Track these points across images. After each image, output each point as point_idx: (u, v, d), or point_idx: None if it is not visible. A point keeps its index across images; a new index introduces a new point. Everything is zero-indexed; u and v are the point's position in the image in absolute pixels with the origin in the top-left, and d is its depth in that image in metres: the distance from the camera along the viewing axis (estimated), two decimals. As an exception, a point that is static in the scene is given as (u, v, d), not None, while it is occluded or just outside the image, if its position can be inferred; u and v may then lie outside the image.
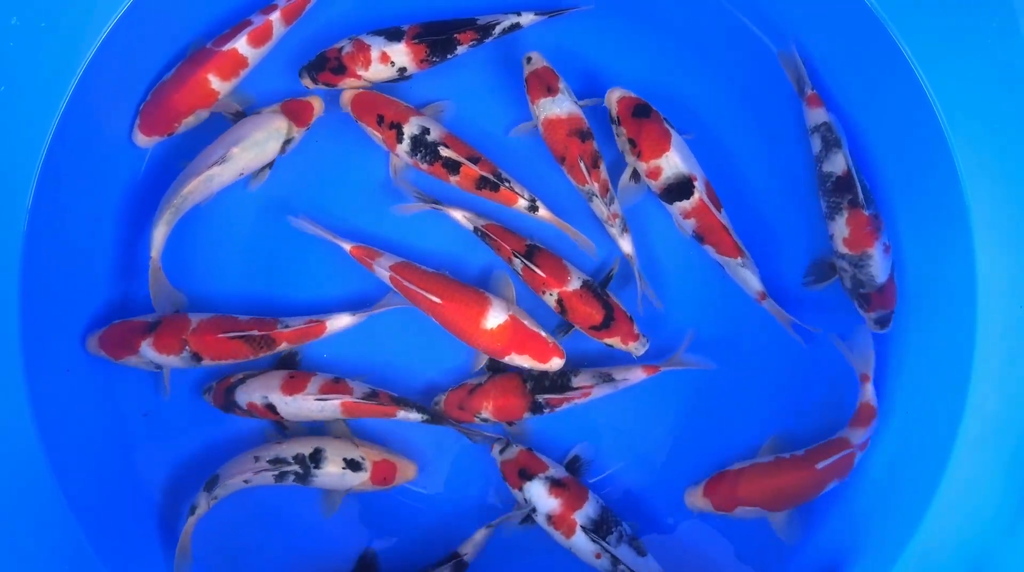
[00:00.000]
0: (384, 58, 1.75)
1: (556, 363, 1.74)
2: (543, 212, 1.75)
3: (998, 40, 1.66)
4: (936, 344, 1.77)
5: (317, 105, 1.79)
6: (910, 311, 1.77)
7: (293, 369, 1.79)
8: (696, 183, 1.72)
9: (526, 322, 1.73)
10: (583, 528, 1.68)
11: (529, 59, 1.78)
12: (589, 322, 1.74)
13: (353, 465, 1.72)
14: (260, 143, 1.74)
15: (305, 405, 1.70)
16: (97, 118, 1.74)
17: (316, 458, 1.71)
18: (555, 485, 1.71)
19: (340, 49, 1.77)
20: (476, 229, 1.76)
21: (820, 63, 1.79)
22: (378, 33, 1.77)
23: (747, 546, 1.77)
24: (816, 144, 1.75)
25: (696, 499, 1.75)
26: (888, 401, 1.78)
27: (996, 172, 1.70)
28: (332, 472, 1.71)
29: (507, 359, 1.74)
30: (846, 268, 1.74)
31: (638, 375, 1.75)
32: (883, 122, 1.79)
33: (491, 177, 1.73)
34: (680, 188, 1.72)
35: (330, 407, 1.70)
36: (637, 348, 1.76)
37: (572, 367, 1.77)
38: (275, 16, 1.75)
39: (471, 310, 1.72)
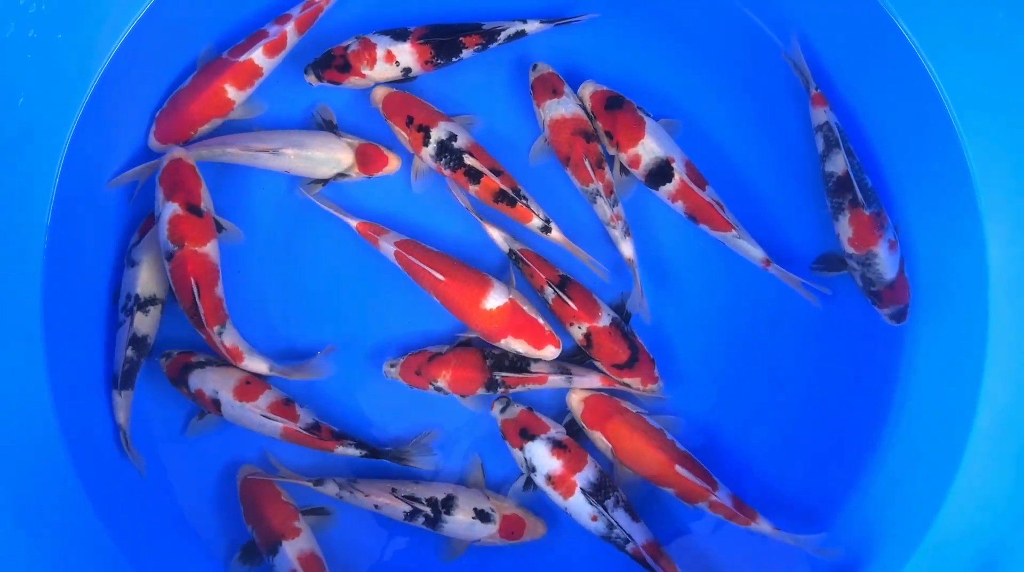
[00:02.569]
0: (389, 57, 1.77)
1: (550, 351, 1.75)
2: (555, 234, 1.76)
3: (1008, 32, 1.67)
4: (949, 337, 1.78)
5: (392, 164, 1.80)
6: (923, 305, 1.78)
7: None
8: (675, 165, 1.74)
9: (525, 307, 1.75)
10: (583, 491, 1.70)
11: (535, 67, 1.80)
12: (613, 360, 1.75)
13: (483, 516, 1.73)
14: (314, 160, 1.76)
15: (248, 415, 1.72)
16: (113, 127, 1.76)
17: (448, 504, 1.72)
18: (557, 446, 1.72)
19: (346, 47, 1.78)
20: (511, 252, 1.77)
21: (828, 57, 1.80)
22: (384, 33, 1.78)
23: (757, 546, 1.77)
24: (819, 143, 1.77)
25: (575, 400, 1.77)
26: (901, 395, 1.80)
27: (1006, 165, 1.72)
28: (462, 520, 1.72)
29: (503, 342, 1.75)
30: (855, 267, 1.75)
31: (594, 381, 1.77)
32: (893, 115, 1.80)
33: (510, 192, 1.74)
34: (661, 172, 1.74)
35: (270, 427, 1.72)
36: (654, 390, 1.78)
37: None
38: (290, 27, 1.77)
39: (472, 290, 1.73)
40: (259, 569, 1.76)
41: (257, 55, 1.76)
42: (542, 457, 1.71)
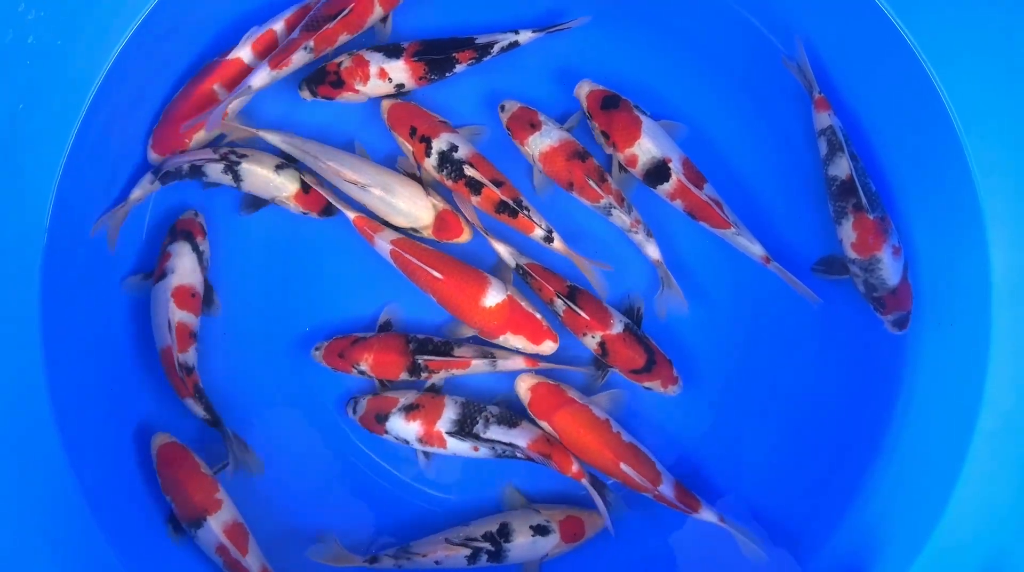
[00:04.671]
0: (382, 74, 1.78)
1: (548, 346, 1.75)
2: (558, 244, 1.76)
3: (1011, 37, 1.66)
4: (952, 342, 1.77)
5: (464, 236, 1.79)
6: (925, 310, 1.78)
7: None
8: (672, 164, 1.73)
9: (523, 304, 1.75)
10: (450, 434, 1.72)
11: (503, 107, 1.80)
12: (631, 366, 1.75)
13: (541, 530, 1.73)
14: (394, 208, 1.76)
15: (163, 313, 1.74)
16: (114, 132, 1.77)
17: (504, 532, 1.72)
18: (409, 410, 1.74)
19: (340, 63, 1.78)
20: (518, 266, 1.77)
21: (830, 62, 1.80)
22: (377, 49, 1.79)
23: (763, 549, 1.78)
24: (823, 147, 1.76)
25: (522, 389, 1.78)
26: (904, 400, 1.80)
27: (1009, 170, 1.71)
28: (523, 542, 1.72)
29: (501, 339, 1.75)
30: (858, 273, 1.74)
31: (518, 364, 1.77)
32: (895, 120, 1.79)
33: (511, 203, 1.74)
34: (658, 172, 1.74)
35: (161, 336, 1.75)
36: (675, 390, 1.78)
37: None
38: (279, 26, 1.77)
39: (470, 287, 1.73)
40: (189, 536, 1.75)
41: (245, 53, 1.75)
42: (402, 427, 1.74)
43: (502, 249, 1.78)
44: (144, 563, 1.73)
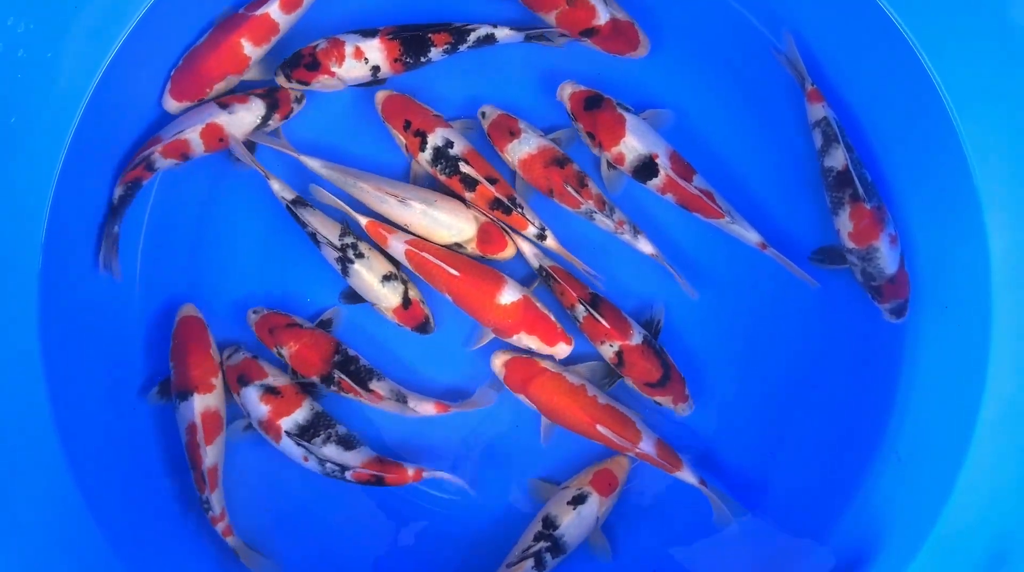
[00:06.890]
0: (358, 53, 1.77)
1: (562, 349, 1.75)
2: (551, 242, 1.76)
3: (1003, 20, 1.65)
4: (953, 330, 1.77)
5: (508, 251, 1.78)
6: (925, 298, 1.77)
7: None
8: (659, 160, 1.73)
9: (538, 305, 1.75)
10: (288, 433, 1.71)
11: (483, 114, 1.80)
12: (646, 378, 1.75)
13: (579, 500, 1.74)
14: (437, 222, 1.75)
15: (178, 125, 1.74)
16: (105, 148, 1.77)
17: (549, 523, 1.73)
18: (268, 392, 1.73)
19: (315, 46, 1.78)
20: (541, 268, 1.77)
21: (823, 52, 1.79)
22: (354, 31, 1.79)
23: (763, 546, 1.79)
24: (817, 139, 1.76)
25: (497, 364, 1.78)
26: (906, 388, 1.80)
27: (1005, 153, 1.70)
28: (570, 521, 1.73)
29: (515, 338, 1.75)
30: (855, 262, 1.74)
31: (428, 409, 1.76)
32: (890, 109, 1.79)
33: (505, 200, 1.74)
34: (646, 168, 1.74)
35: (171, 130, 1.75)
36: (684, 409, 1.77)
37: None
38: None
39: (486, 285, 1.73)
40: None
41: (273, 9, 1.75)
42: (253, 403, 1.74)
43: (526, 248, 1.78)
44: (139, 554, 1.74)
